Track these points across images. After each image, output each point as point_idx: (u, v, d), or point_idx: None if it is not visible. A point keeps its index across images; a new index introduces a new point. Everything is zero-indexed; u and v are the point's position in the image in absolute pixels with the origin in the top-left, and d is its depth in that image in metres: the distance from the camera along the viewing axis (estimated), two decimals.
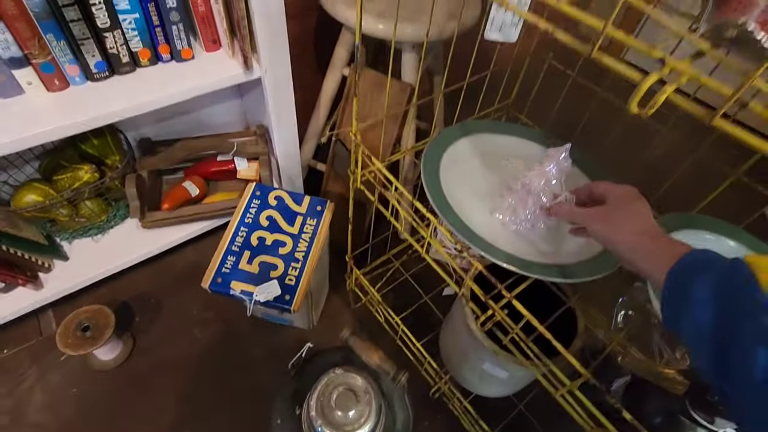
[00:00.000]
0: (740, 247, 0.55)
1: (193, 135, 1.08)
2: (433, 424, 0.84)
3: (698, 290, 0.33)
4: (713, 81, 0.23)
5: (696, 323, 0.33)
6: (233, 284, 0.73)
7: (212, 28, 0.79)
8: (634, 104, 0.25)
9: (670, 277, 0.36)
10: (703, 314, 0.32)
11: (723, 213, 0.58)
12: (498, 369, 0.66)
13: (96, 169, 0.87)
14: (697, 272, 0.34)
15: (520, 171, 0.66)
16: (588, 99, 0.68)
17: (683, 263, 0.36)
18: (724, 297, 0.32)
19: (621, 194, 0.45)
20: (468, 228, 0.56)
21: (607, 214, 0.44)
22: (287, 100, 0.88)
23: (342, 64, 0.95)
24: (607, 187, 0.47)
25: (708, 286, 0.33)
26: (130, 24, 0.72)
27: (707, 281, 0.33)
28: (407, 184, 1.01)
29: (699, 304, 0.33)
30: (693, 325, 0.33)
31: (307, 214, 0.83)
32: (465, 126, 0.70)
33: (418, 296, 0.97)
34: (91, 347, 0.81)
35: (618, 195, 0.46)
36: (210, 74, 0.78)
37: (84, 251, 0.94)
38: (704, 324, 0.32)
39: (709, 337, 0.32)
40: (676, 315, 0.35)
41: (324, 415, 0.55)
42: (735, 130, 0.24)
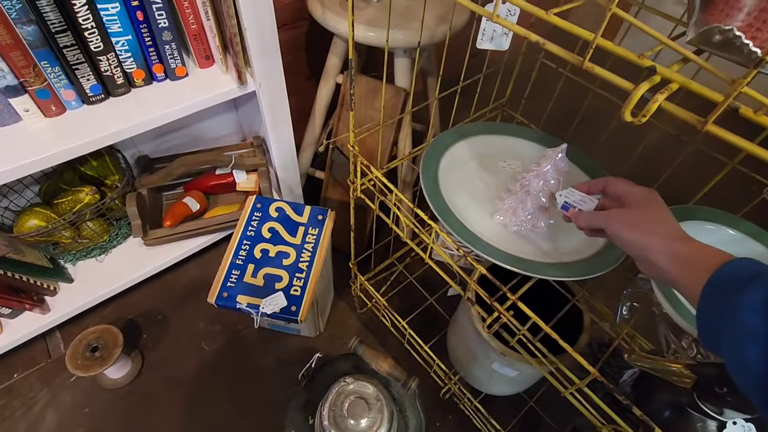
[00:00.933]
0: (740, 235, 0.55)
1: (190, 149, 1.08)
2: (445, 424, 0.85)
3: (745, 310, 0.28)
4: (704, 88, 0.23)
5: (741, 350, 0.28)
6: (239, 298, 0.74)
7: (205, 44, 0.80)
8: (628, 113, 0.26)
9: (708, 289, 0.32)
10: (750, 341, 0.27)
11: (721, 202, 0.59)
12: (507, 368, 0.66)
13: (96, 191, 0.88)
14: (742, 285, 0.30)
15: (518, 172, 0.67)
16: (582, 94, 0.69)
17: (725, 272, 0.32)
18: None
19: (642, 196, 0.42)
20: (469, 231, 0.56)
21: (632, 217, 0.41)
22: (283, 111, 0.89)
23: (335, 72, 0.95)
24: (626, 187, 0.44)
25: (756, 305, 0.28)
26: (124, 46, 0.72)
27: (755, 297, 0.28)
28: (406, 187, 1.01)
29: (745, 328, 0.28)
30: (737, 353, 0.28)
31: (309, 224, 0.83)
32: (461, 129, 0.71)
33: (423, 298, 0.98)
34: (101, 367, 0.81)
35: (639, 196, 0.43)
36: (205, 90, 0.78)
37: (88, 272, 0.95)
38: (751, 353, 0.27)
39: (759, 370, 0.27)
40: (715, 335, 0.31)
41: (337, 424, 0.55)
42: (726, 134, 0.24)
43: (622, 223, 0.41)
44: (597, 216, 0.45)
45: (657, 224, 0.39)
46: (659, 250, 0.37)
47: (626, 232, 0.40)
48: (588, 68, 0.27)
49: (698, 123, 0.24)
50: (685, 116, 0.25)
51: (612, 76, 0.27)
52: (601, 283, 0.56)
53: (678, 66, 0.26)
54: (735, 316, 0.29)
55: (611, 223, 0.42)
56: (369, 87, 0.91)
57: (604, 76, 0.27)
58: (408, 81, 0.88)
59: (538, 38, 0.30)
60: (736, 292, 0.29)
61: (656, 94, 0.24)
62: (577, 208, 0.49)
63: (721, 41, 0.23)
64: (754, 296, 0.28)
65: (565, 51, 0.28)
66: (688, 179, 0.62)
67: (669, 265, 0.36)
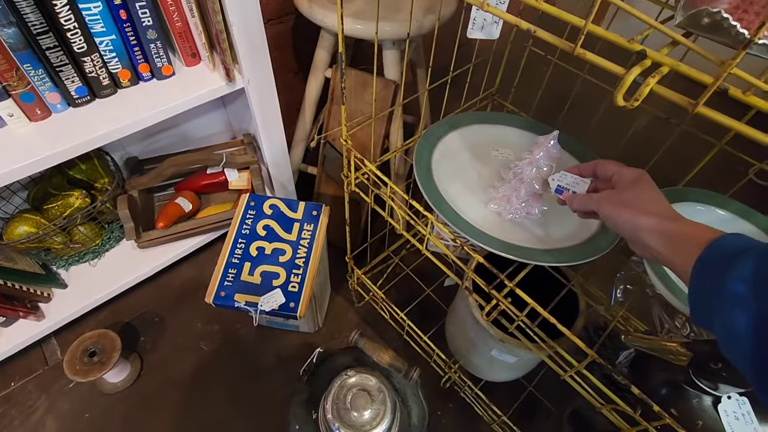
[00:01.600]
0: (729, 215, 0.56)
1: (179, 149, 1.07)
2: (446, 413, 0.86)
3: (733, 282, 0.29)
4: (693, 70, 0.24)
5: (730, 323, 0.28)
6: (237, 297, 0.74)
7: (190, 42, 0.78)
8: (620, 97, 0.26)
9: (699, 266, 0.32)
10: (739, 313, 0.28)
11: (710, 184, 0.60)
12: (506, 354, 0.67)
13: (86, 194, 0.87)
14: (731, 260, 0.30)
15: (510, 160, 0.67)
16: (571, 80, 0.69)
17: (714, 249, 0.32)
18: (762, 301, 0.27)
19: (632, 177, 0.43)
20: (464, 220, 0.56)
21: (623, 198, 0.41)
22: (273, 108, 0.88)
23: (324, 65, 0.95)
24: (616, 168, 0.45)
25: (746, 277, 0.28)
26: (108, 46, 0.71)
27: (744, 271, 0.28)
28: (399, 179, 1.01)
29: (734, 300, 0.28)
30: (727, 326, 0.29)
31: (304, 220, 0.83)
32: (452, 120, 0.71)
33: (421, 289, 0.99)
34: (99, 372, 0.81)
35: (629, 178, 0.43)
36: (192, 89, 0.77)
37: (82, 277, 0.94)
38: (740, 325, 0.28)
39: (748, 343, 0.27)
40: (706, 311, 0.31)
41: (340, 417, 0.56)
42: (716, 115, 0.25)
43: (613, 204, 0.42)
44: (589, 198, 0.45)
45: (647, 204, 0.40)
46: (650, 230, 0.38)
47: (618, 214, 0.41)
48: (579, 54, 0.28)
49: (689, 105, 0.25)
50: (677, 99, 0.25)
51: (603, 61, 0.27)
52: (594, 267, 0.56)
53: (667, 49, 0.26)
54: (724, 289, 0.29)
55: (603, 206, 0.43)
56: (358, 80, 0.91)
57: (595, 61, 0.27)
58: (397, 73, 0.88)
59: (529, 26, 0.30)
60: (726, 266, 0.30)
61: (647, 78, 0.24)
62: (571, 191, 0.49)
63: (709, 24, 0.24)
64: (743, 268, 0.29)
65: (556, 38, 0.28)
66: (678, 162, 0.63)
67: (660, 244, 0.37)
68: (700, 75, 0.24)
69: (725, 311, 0.29)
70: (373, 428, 0.55)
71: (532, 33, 0.29)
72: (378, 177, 0.61)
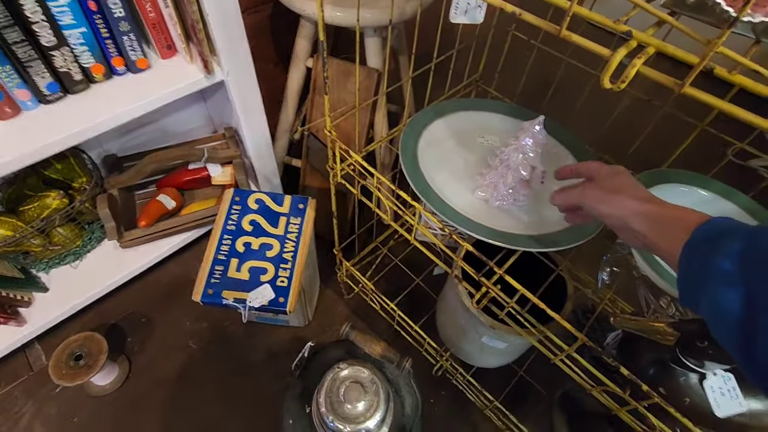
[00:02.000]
0: (712, 195, 0.57)
1: (159, 145, 1.04)
2: (439, 400, 0.87)
3: (721, 260, 0.29)
4: (679, 50, 0.23)
5: (718, 301, 0.28)
6: (225, 294, 0.73)
7: (166, 33, 0.76)
8: (606, 80, 0.26)
9: (688, 249, 0.32)
10: (726, 291, 0.28)
11: (692, 165, 0.61)
12: (496, 341, 0.68)
13: (64, 194, 0.84)
14: (718, 240, 0.30)
15: (496, 146, 0.67)
16: (554, 65, 0.69)
17: (702, 232, 0.32)
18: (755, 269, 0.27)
19: (610, 170, 0.44)
20: (451, 209, 0.56)
21: (605, 186, 0.42)
22: (254, 100, 0.86)
23: (305, 55, 0.93)
24: (594, 165, 0.46)
25: (733, 255, 0.28)
26: (78, 39, 0.68)
27: (732, 249, 0.29)
28: (384, 169, 1.01)
29: (722, 278, 0.28)
30: (714, 304, 0.29)
31: (290, 214, 0.82)
32: (437, 107, 0.70)
33: (410, 279, 0.99)
34: (86, 376, 0.79)
35: (608, 171, 0.44)
36: (170, 83, 0.75)
37: (63, 280, 0.91)
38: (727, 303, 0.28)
39: (735, 321, 0.28)
40: (694, 292, 0.31)
41: (334, 410, 0.56)
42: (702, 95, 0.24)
43: (595, 195, 0.42)
44: (571, 193, 0.46)
45: (628, 190, 0.40)
46: (635, 213, 0.38)
47: (601, 201, 0.42)
48: (565, 36, 0.27)
49: (676, 86, 0.24)
50: (663, 80, 0.25)
51: (589, 43, 0.27)
52: (581, 251, 0.57)
53: (653, 30, 0.26)
54: (711, 268, 0.29)
55: (586, 195, 0.43)
56: (340, 69, 0.89)
57: (581, 43, 0.27)
58: (380, 61, 0.87)
59: (514, 9, 0.29)
60: (713, 246, 0.30)
61: (633, 59, 0.24)
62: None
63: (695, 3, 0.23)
64: (731, 247, 0.29)
65: (542, 21, 0.28)
66: (661, 144, 0.64)
67: (646, 228, 0.37)
68: (686, 55, 0.23)
69: (713, 290, 0.29)
70: (367, 420, 0.54)
71: (518, 16, 0.29)
72: (364, 168, 0.60)
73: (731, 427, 0.41)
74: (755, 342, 0.26)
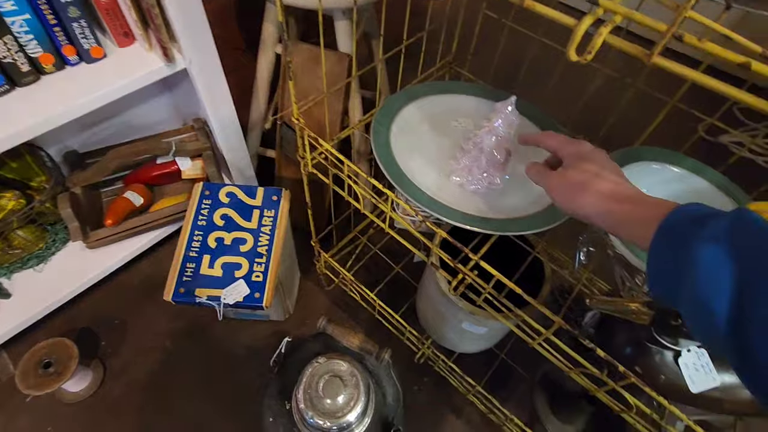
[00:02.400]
0: (683, 171, 0.57)
1: (123, 140, 0.99)
2: (422, 388, 0.87)
3: (705, 243, 0.26)
4: (647, 18, 0.22)
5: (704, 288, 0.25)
6: (198, 291, 0.70)
7: (121, 20, 0.71)
8: (572, 51, 0.24)
9: (656, 242, 0.29)
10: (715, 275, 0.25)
11: (664, 142, 0.61)
12: (476, 326, 0.67)
13: (21, 195, 0.79)
14: (698, 223, 0.27)
15: (470, 130, 0.66)
16: (527, 45, 0.67)
17: (671, 222, 0.29)
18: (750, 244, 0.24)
19: (575, 151, 0.40)
20: (427, 195, 0.55)
21: (568, 178, 0.38)
22: (220, 88, 0.83)
23: (273, 41, 0.89)
24: (558, 142, 0.41)
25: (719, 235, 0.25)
26: (22, 27, 0.63)
27: (717, 229, 0.26)
28: (361, 157, 0.98)
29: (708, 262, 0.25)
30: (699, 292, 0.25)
31: (264, 206, 0.80)
32: (409, 92, 0.68)
33: (390, 268, 0.97)
34: (57, 383, 0.76)
35: (572, 152, 0.40)
36: (128, 72, 0.71)
37: (27, 284, 0.87)
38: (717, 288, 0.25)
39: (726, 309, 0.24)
40: (670, 283, 0.28)
41: (313, 405, 0.55)
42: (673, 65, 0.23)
43: (557, 188, 0.39)
44: (540, 176, 0.43)
45: (592, 183, 0.36)
46: (597, 214, 0.35)
47: (562, 200, 0.38)
48: (529, 6, 0.26)
49: (645, 56, 0.23)
50: (632, 50, 0.24)
51: (553, 12, 0.25)
52: (558, 231, 0.56)
53: None
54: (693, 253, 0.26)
55: (548, 189, 0.41)
56: (311, 55, 0.86)
57: (545, 13, 0.25)
58: (351, 46, 0.84)
59: None
60: (693, 230, 0.27)
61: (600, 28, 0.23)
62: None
63: None
64: (715, 227, 0.26)
65: None
66: (635, 123, 0.63)
67: (610, 226, 0.35)
68: (655, 23, 0.22)
69: (697, 277, 0.26)
70: (347, 413, 0.54)
71: None
72: (335, 156, 0.58)
73: (705, 401, 0.41)
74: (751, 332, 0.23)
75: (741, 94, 0.23)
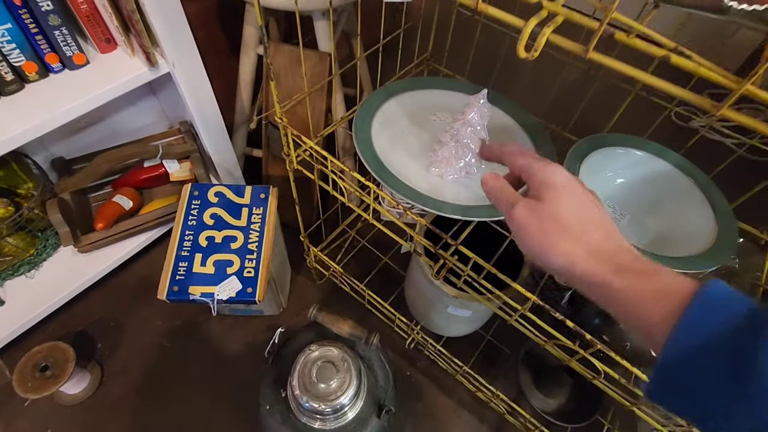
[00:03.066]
0: (647, 155, 0.61)
1: (110, 145, 1.01)
2: (415, 372, 0.90)
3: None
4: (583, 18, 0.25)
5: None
6: (191, 289, 0.72)
7: (102, 26, 0.73)
8: (521, 49, 0.27)
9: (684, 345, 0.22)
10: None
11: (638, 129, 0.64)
12: (461, 310, 0.71)
13: (8, 203, 0.80)
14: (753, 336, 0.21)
15: (447, 123, 0.69)
16: (501, 39, 0.70)
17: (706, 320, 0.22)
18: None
19: (550, 179, 0.29)
20: (408, 187, 0.58)
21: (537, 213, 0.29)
22: (205, 91, 0.84)
23: (254, 42, 0.91)
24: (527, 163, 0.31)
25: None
26: (4, 36, 0.64)
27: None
28: (346, 154, 1.01)
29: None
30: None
31: (252, 204, 0.82)
32: (389, 88, 0.71)
33: (378, 259, 1.00)
34: (54, 386, 0.77)
35: (546, 180, 0.30)
36: (111, 78, 0.72)
37: (20, 291, 0.88)
38: None
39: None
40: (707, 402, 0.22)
41: (308, 390, 0.57)
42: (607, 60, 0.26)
43: (524, 228, 0.29)
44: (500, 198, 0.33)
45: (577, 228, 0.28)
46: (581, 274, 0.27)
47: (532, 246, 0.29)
48: (482, 10, 0.28)
49: (583, 51, 0.26)
50: (571, 46, 0.27)
51: (503, 14, 0.28)
52: None
53: None
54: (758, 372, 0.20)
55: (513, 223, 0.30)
56: (293, 56, 0.88)
57: (495, 15, 0.28)
58: (331, 45, 0.86)
59: None
60: (752, 340, 0.21)
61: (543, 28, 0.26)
62: None
63: None
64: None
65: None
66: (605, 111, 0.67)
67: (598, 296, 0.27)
68: (588, 21, 0.25)
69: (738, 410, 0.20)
70: (340, 396, 0.57)
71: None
72: (319, 153, 0.61)
73: None
74: None
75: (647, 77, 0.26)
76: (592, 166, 0.59)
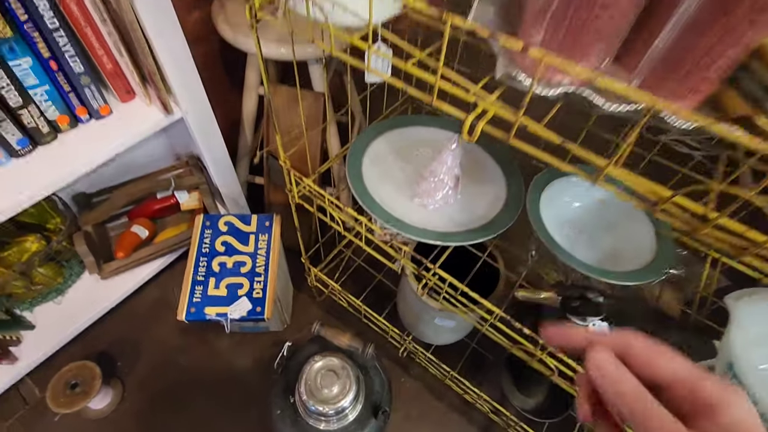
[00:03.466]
0: None
1: (124, 178, 1.10)
2: (409, 378, 0.99)
3: None
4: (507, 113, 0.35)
5: None
6: (207, 310, 0.82)
7: (124, 80, 0.83)
8: (465, 134, 0.37)
9: None
10: None
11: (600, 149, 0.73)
12: (446, 320, 0.80)
13: (41, 237, 0.90)
14: None
15: (430, 157, 0.79)
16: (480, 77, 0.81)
17: None
18: None
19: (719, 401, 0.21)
20: (395, 217, 0.68)
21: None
22: (213, 133, 0.94)
23: (256, 85, 1.01)
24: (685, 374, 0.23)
25: None
26: (42, 96, 0.74)
27: None
28: (341, 182, 1.11)
29: None
30: None
31: (258, 231, 0.91)
32: (377, 127, 0.81)
33: (372, 277, 1.10)
34: (84, 401, 0.86)
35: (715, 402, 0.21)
36: (132, 125, 0.82)
37: (48, 316, 0.97)
38: None
39: None
40: None
41: (313, 395, 0.67)
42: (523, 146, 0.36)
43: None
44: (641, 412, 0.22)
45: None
46: None
47: None
48: (437, 105, 0.38)
49: (506, 137, 0.36)
50: (498, 134, 0.37)
51: (453, 109, 0.38)
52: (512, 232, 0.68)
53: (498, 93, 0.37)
54: None
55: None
56: (290, 95, 0.98)
57: (447, 111, 0.38)
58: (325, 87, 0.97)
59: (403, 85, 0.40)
60: None
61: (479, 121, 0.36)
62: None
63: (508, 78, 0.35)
64: None
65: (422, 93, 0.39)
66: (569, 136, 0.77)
67: None
68: (510, 115, 0.35)
69: None
70: (341, 400, 0.66)
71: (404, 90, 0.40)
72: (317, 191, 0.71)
73: None
74: None
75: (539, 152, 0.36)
76: (552, 194, 0.70)
